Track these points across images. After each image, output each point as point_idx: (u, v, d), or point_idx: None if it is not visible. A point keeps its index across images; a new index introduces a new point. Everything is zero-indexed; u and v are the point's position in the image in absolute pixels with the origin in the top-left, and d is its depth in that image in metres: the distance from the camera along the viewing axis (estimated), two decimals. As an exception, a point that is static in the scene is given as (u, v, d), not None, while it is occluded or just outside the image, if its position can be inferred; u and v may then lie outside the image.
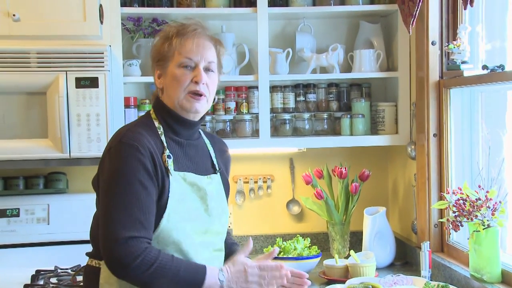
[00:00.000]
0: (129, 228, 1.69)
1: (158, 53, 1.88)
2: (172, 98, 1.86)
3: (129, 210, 1.71)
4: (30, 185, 2.89)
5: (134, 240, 1.69)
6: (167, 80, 1.87)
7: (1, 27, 2.53)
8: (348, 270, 2.58)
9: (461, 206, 2.20)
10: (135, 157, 1.75)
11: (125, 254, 1.67)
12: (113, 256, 1.69)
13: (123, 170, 1.74)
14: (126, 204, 1.72)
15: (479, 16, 2.49)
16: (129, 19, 2.84)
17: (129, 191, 1.72)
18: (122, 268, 1.68)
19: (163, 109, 1.89)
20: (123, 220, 1.70)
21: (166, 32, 1.89)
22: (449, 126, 2.56)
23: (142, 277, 1.69)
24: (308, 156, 3.11)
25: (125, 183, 1.73)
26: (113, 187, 1.74)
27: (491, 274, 2.14)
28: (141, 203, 1.73)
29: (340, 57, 2.93)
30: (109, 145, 1.83)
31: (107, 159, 1.80)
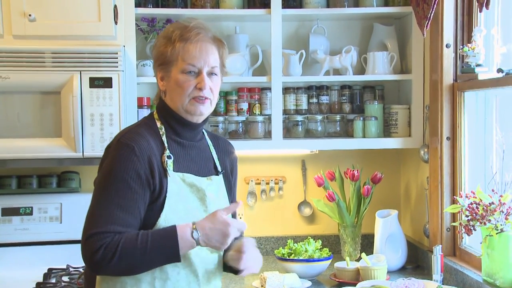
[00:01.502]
0: (100, 225, 1.71)
1: (161, 56, 1.87)
2: (176, 103, 1.87)
3: (107, 208, 1.72)
4: (43, 184, 2.91)
5: (98, 235, 1.69)
6: (170, 84, 1.87)
7: (17, 27, 2.56)
8: (359, 273, 2.57)
9: (474, 210, 2.18)
10: (128, 158, 1.76)
11: (90, 248, 1.69)
12: (83, 252, 1.72)
13: (114, 169, 1.75)
14: (106, 202, 1.73)
15: (495, 18, 2.47)
16: (143, 20, 2.85)
17: (113, 190, 1.73)
18: (90, 263, 1.71)
19: (165, 111, 1.90)
20: (98, 217, 1.72)
21: (168, 34, 1.87)
22: (462, 129, 2.55)
23: (112, 267, 1.69)
24: (320, 158, 3.11)
25: (112, 182, 1.74)
26: (101, 184, 1.77)
27: (504, 279, 2.13)
28: (121, 203, 1.73)
29: (354, 59, 2.93)
30: (109, 144, 1.86)
31: (104, 157, 1.83)
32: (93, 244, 1.69)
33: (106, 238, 1.70)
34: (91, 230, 1.71)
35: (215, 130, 2.88)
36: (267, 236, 3.09)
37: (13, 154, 2.54)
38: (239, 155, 3.06)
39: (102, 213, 1.73)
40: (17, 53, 2.53)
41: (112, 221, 1.71)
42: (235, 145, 2.88)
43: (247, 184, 3.11)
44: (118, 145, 1.79)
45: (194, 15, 2.85)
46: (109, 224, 1.71)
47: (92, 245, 1.69)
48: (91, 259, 1.70)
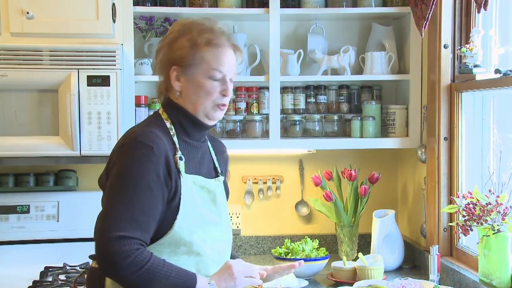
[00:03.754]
0: (124, 227, 1.67)
1: (183, 57, 1.82)
2: (197, 106, 1.85)
3: (129, 210, 1.68)
4: (41, 182, 2.91)
5: (126, 240, 1.66)
6: (191, 87, 1.84)
7: (14, 24, 2.55)
8: (356, 272, 2.58)
9: (471, 211, 2.19)
10: (148, 158, 1.73)
11: (116, 252, 1.65)
12: (104, 253, 1.67)
13: (133, 169, 1.72)
14: (127, 203, 1.69)
15: (492, 20, 2.48)
16: (142, 18, 2.85)
17: (134, 191, 1.70)
18: (111, 266, 1.66)
19: (178, 111, 1.87)
20: (120, 218, 1.67)
21: (194, 36, 1.83)
22: (460, 130, 2.55)
23: (131, 278, 1.67)
24: (318, 158, 3.11)
25: (133, 183, 1.70)
26: (120, 184, 1.72)
27: (501, 280, 2.13)
28: (143, 205, 1.70)
29: (352, 59, 2.93)
30: (120, 143, 1.81)
31: (117, 156, 1.77)
32: (122, 248, 1.65)
33: (134, 245, 1.66)
34: (116, 232, 1.66)
35: (213, 130, 2.88)
36: (264, 235, 3.09)
37: (10, 152, 2.54)
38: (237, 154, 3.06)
39: (124, 215, 1.68)
40: (14, 50, 2.52)
41: (135, 225, 1.68)
42: (232, 144, 2.89)
43: (244, 183, 3.10)
44: (136, 145, 1.73)
45: (192, 14, 2.85)
46: (134, 229, 1.67)
47: (118, 248, 1.65)
48: (117, 263, 1.65)
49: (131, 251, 1.65)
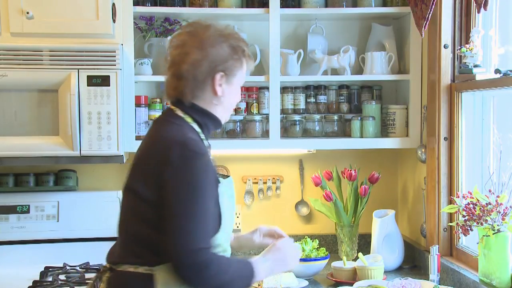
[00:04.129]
0: (203, 239, 1.74)
1: (230, 64, 1.86)
2: (227, 111, 1.93)
3: (203, 221, 1.75)
4: (41, 182, 2.91)
5: (206, 250, 1.74)
6: (231, 93, 1.89)
7: (14, 24, 2.55)
8: (356, 272, 2.58)
9: (471, 211, 2.19)
10: (208, 168, 1.78)
11: (197, 263, 1.71)
12: (188, 265, 1.71)
13: (200, 180, 1.74)
14: (198, 215, 1.74)
15: (492, 20, 2.48)
16: (141, 18, 2.85)
17: (203, 202, 1.75)
18: (195, 276, 1.72)
19: (207, 116, 1.88)
20: (198, 231, 1.73)
21: (234, 45, 1.87)
22: (460, 130, 2.55)
23: (213, 283, 1.76)
24: (318, 158, 3.11)
25: (202, 193, 1.74)
26: (191, 196, 1.73)
27: (501, 280, 2.13)
28: (210, 214, 1.78)
29: (352, 59, 2.93)
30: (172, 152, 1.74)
31: (177, 167, 1.73)
32: (203, 258, 1.72)
33: (211, 254, 1.75)
34: (199, 245, 1.73)
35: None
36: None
37: (10, 152, 2.54)
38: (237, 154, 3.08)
39: (201, 227, 1.74)
40: (14, 50, 2.53)
41: (209, 235, 1.77)
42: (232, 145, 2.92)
43: (244, 183, 3.10)
44: (195, 155, 1.74)
45: (192, 14, 2.86)
46: (209, 238, 1.76)
47: (202, 260, 1.72)
48: (200, 273, 1.72)
49: (210, 260, 1.74)
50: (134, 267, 1.79)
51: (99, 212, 2.87)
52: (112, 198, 2.89)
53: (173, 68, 1.86)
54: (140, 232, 1.80)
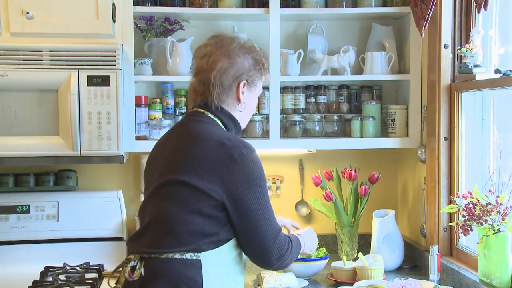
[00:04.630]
0: (276, 226, 1.95)
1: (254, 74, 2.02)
2: (247, 119, 2.11)
3: (271, 211, 1.95)
4: (41, 182, 2.91)
5: (279, 235, 1.95)
6: (252, 101, 2.07)
7: (14, 24, 2.55)
8: (356, 272, 2.58)
9: (471, 211, 2.19)
10: (261, 163, 1.96)
11: (282, 247, 1.94)
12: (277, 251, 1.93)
13: (262, 175, 1.93)
14: (270, 205, 1.95)
15: (492, 20, 2.48)
16: (141, 18, 2.85)
17: (267, 193, 1.95)
18: (280, 260, 1.95)
19: (233, 122, 2.04)
20: (274, 219, 1.95)
21: (258, 57, 2.04)
22: (460, 130, 2.55)
23: (290, 262, 2.01)
24: (318, 158, 3.11)
25: (265, 186, 1.94)
26: (261, 190, 1.91)
27: (501, 280, 2.13)
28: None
29: (352, 59, 2.93)
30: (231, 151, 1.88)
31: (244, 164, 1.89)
32: (284, 242, 1.96)
33: (284, 236, 1.98)
34: (277, 230, 1.94)
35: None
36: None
37: (10, 152, 2.54)
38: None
39: (274, 214, 1.96)
40: (14, 50, 2.53)
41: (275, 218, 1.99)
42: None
43: (244, 183, 3.10)
44: (250, 151, 1.92)
45: (192, 14, 2.86)
46: (277, 221, 1.98)
47: (283, 243, 1.96)
48: (284, 254, 1.95)
49: (288, 242, 1.99)
50: (180, 253, 1.86)
51: (99, 212, 2.87)
52: (112, 198, 2.89)
53: (200, 75, 2.00)
54: (190, 221, 1.87)
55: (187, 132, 1.97)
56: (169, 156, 1.95)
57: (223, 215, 1.89)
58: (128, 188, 3.02)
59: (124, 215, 2.89)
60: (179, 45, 2.80)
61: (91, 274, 2.62)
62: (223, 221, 1.89)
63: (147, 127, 2.80)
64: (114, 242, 2.85)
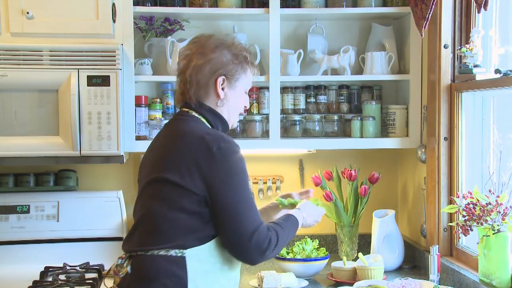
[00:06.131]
0: (255, 220, 1.90)
1: (231, 69, 1.99)
2: (232, 115, 2.05)
3: (252, 203, 1.92)
4: (41, 182, 2.91)
5: (259, 229, 1.89)
6: (234, 97, 2.02)
7: (14, 24, 2.55)
8: (356, 272, 2.58)
9: (471, 211, 2.19)
10: (244, 160, 1.94)
11: (261, 241, 1.88)
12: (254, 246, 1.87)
13: (242, 169, 1.91)
14: (250, 198, 1.92)
15: (492, 20, 2.48)
16: (142, 18, 2.85)
17: (247, 186, 1.93)
18: (260, 254, 1.89)
19: (218, 118, 2.02)
20: (253, 213, 1.91)
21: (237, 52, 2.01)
22: (460, 130, 2.55)
23: (272, 255, 1.95)
24: (318, 158, 3.11)
25: (245, 180, 1.92)
26: (239, 183, 1.89)
27: (501, 280, 2.13)
28: (252, 195, 1.97)
29: (352, 59, 2.93)
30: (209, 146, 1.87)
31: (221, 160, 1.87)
32: (264, 236, 1.89)
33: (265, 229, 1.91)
34: (256, 224, 1.89)
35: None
36: (264, 235, 3.08)
37: (10, 152, 2.54)
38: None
39: (254, 208, 1.92)
40: (14, 50, 2.53)
41: (258, 213, 1.94)
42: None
43: (244, 183, 3.10)
44: (233, 147, 1.91)
45: (192, 14, 2.86)
46: (259, 216, 1.93)
47: (260, 238, 1.88)
48: (264, 251, 1.89)
49: (270, 235, 1.91)
50: (165, 250, 1.88)
51: (99, 212, 2.87)
52: (112, 198, 2.89)
53: (180, 75, 2.02)
54: (174, 218, 1.89)
55: (171, 131, 2.01)
56: (154, 156, 1.99)
57: (207, 211, 1.88)
58: (128, 188, 3.02)
59: (124, 215, 2.89)
60: (179, 45, 2.80)
61: (91, 274, 2.62)
62: (207, 217, 1.89)
63: (147, 127, 2.81)
64: (114, 242, 2.84)
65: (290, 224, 2.05)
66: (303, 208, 2.18)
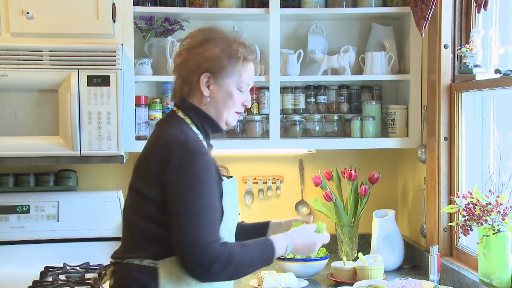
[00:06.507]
0: (208, 233, 1.77)
1: (217, 65, 1.88)
2: (222, 113, 1.93)
3: (207, 216, 1.78)
4: (41, 182, 2.90)
5: (212, 244, 1.76)
6: (220, 94, 1.90)
7: (14, 24, 2.55)
8: (356, 272, 2.58)
9: (471, 211, 2.19)
10: (209, 166, 1.82)
11: (205, 258, 1.75)
12: (192, 261, 1.76)
13: (202, 178, 1.79)
14: (204, 210, 1.78)
15: (492, 20, 2.48)
16: (142, 18, 2.85)
17: (206, 197, 1.79)
18: (204, 271, 1.77)
19: (203, 117, 1.92)
20: (202, 226, 1.77)
21: (229, 48, 1.89)
22: (460, 130, 2.55)
23: (225, 275, 1.80)
24: (318, 158, 3.11)
25: (204, 190, 1.79)
26: (193, 193, 1.78)
27: (501, 280, 2.13)
28: (214, 209, 1.81)
29: (352, 59, 2.93)
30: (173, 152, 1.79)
31: (178, 167, 1.78)
32: (209, 253, 1.75)
33: (218, 247, 1.77)
34: (203, 240, 1.76)
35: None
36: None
37: (10, 152, 2.54)
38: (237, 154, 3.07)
39: (206, 222, 1.78)
40: (14, 50, 2.53)
41: (214, 228, 1.80)
42: (232, 145, 2.90)
43: (244, 183, 3.10)
44: (195, 154, 1.80)
45: (192, 14, 2.86)
46: (215, 232, 1.79)
47: (208, 254, 1.75)
48: (209, 268, 1.75)
49: (218, 254, 1.76)
50: (139, 260, 1.85)
51: (99, 212, 2.87)
52: (112, 198, 2.89)
53: (173, 73, 1.98)
54: (145, 228, 1.86)
55: (151, 135, 1.98)
56: (135, 163, 1.95)
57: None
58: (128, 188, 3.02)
59: (124, 215, 2.89)
60: (179, 45, 2.79)
61: (91, 274, 2.61)
62: None
63: (147, 127, 2.81)
64: (114, 242, 2.83)
65: (258, 248, 1.86)
66: (293, 235, 1.95)
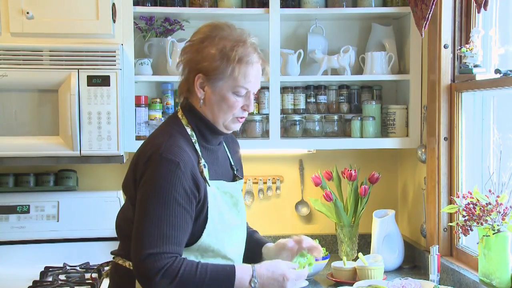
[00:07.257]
0: (155, 244, 1.71)
1: (210, 67, 1.81)
2: (218, 117, 1.86)
3: (158, 226, 1.71)
4: (41, 182, 2.91)
5: (157, 256, 1.70)
6: (214, 97, 1.83)
7: (14, 24, 2.55)
8: (356, 272, 2.58)
9: (471, 211, 2.19)
10: (174, 174, 1.73)
11: (147, 269, 1.70)
12: (137, 270, 1.75)
13: (161, 186, 1.73)
14: (156, 220, 1.72)
15: (492, 20, 2.48)
16: (142, 18, 2.85)
17: (163, 207, 1.72)
18: (146, 282, 1.73)
19: (198, 118, 1.87)
20: (150, 236, 1.71)
21: (225, 49, 1.81)
22: (460, 130, 2.55)
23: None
24: (318, 158, 3.11)
25: (161, 199, 1.72)
26: (148, 201, 1.74)
27: (501, 280, 2.13)
28: (172, 220, 1.73)
29: (352, 59, 2.93)
30: (146, 155, 1.78)
31: (144, 170, 1.77)
32: (153, 264, 1.70)
33: (165, 260, 1.71)
34: (149, 250, 1.70)
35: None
36: (264, 235, 3.06)
37: (10, 152, 2.54)
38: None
39: (156, 232, 1.71)
40: (14, 50, 2.53)
41: (167, 241, 1.71)
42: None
43: (244, 183, 3.10)
44: (162, 161, 1.73)
45: (192, 14, 2.86)
46: (165, 244, 1.71)
47: (151, 265, 1.70)
48: (150, 280, 1.70)
49: (161, 266, 1.70)
50: (123, 260, 1.89)
51: (99, 212, 2.87)
52: (112, 198, 2.89)
53: (177, 67, 1.94)
54: (125, 229, 1.88)
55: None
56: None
57: None
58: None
59: (124, 215, 2.89)
60: (179, 45, 2.80)
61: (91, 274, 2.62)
62: None
63: (147, 127, 2.81)
64: (114, 242, 2.84)
65: (216, 275, 1.74)
66: (259, 268, 1.79)
